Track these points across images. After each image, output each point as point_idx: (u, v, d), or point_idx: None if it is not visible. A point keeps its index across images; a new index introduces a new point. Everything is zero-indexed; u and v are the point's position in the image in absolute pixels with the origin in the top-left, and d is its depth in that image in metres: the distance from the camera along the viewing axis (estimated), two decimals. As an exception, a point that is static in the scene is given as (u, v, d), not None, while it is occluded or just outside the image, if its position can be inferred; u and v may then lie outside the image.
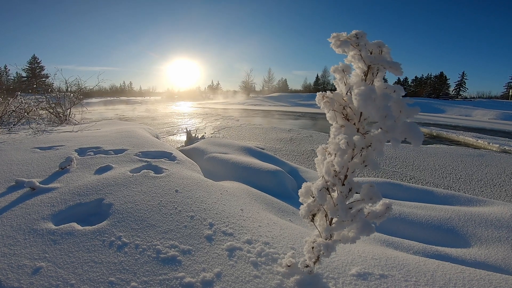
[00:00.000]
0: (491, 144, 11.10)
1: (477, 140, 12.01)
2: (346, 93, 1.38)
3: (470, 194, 5.10)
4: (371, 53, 1.31)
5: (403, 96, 1.29)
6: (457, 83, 61.90)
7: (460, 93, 61.73)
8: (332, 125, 1.44)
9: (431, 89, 60.24)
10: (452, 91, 62.28)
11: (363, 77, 1.34)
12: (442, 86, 60.95)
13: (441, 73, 61.88)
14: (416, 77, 67.61)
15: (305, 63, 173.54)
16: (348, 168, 1.36)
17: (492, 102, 43.25)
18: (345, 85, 1.39)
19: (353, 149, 1.31)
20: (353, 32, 1.34)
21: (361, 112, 1.35)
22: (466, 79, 61.24)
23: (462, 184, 6.36)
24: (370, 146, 1.27)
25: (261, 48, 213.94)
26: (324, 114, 1.44)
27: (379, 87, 1.30)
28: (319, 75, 77.90)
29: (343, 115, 1.40)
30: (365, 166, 1.32)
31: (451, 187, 6.10)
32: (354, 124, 1.38)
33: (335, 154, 1.35)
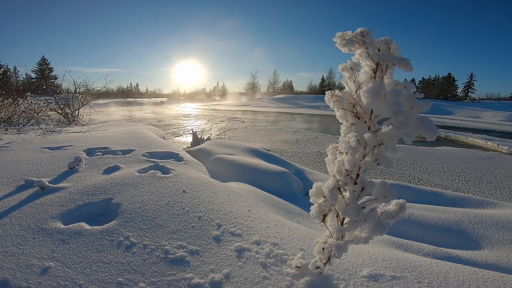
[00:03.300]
0: (500, 146, 10.94)
1: (486, 142, 11.85)
2: (356, 91, 1.36)
3: (480, 196, 5.01)
4: (378, 50, 1.29)
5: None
6: (465, 84, 61.26)
7: (469, 94, 61.05)
8: (342, 124, 1.42)
9: (439, 90, 59.73)
10: (460, 92, 61.65)
11: (372, 74, 1.31)
12: (450, 87, 60.39)
13: (449, 74, 61.38)
14: (423, 78, 67.15)
15: (310, 65, 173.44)
16: (360, 167, 1.33)
17: (501, 104, 42.70)
18: (354, 83, 1.37)
19: (365, 148, 1.28)
20: (358, 30, 1.32)
21: (371, 110, 1.32)
22: (474, 80, 60.60)
23: (471, 186, 6.26)
24: (382, 144, 1.25)
25: (266, 50, 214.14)
26: (330, 115, 1.42)
27: (389, 84, 1.28)
28: (324, 76, 77.92)
29: (353, 113, 1.37)
30: (378, 164, 1.28)
31: (460, 189, 6.01)
32: (365, 122, 1.36)
33: (346, 152, 1.32)
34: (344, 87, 1.47)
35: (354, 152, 1.31)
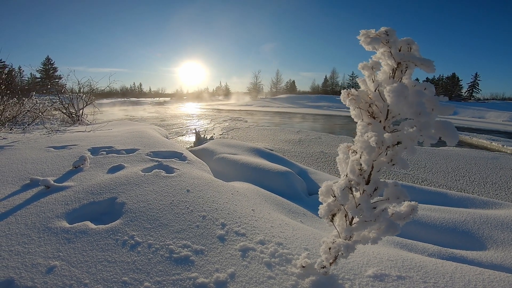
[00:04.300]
0: (505, 146, 10.85)
1: (491, 142, 11.76)
2: (374, 90, 1.35)
3: (485, 197, 4.97)
4: (399, 50, 1.28)
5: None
6: (470, 84, 60.76)
7: (473, 94, 60.52)
8: (357, 123, 1.41)
9: (443, 90, 59.19)
10: (465, 92, 61.13)
11: (391, 74, 1.31)
12: (455, 87, 59.92)
13: (453, 74, 60.90)
14: (427, 78, 66.33)
15: (313, 65, 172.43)
16: (373, 167, 1.32)
17: (506, 104, 42.33)
18: (373, 82, 1.36)
19: (379, 148, 1.28)
20: (383, 29, 1.32)
21: (388, 110, 1.31)
22: (479, 80, 60.06)
23: (476, 186, 6.21)
24: (398, 144, 1.23)
25: (269, 50, 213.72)
26: (333, 115, 1.42)
27: (408, 84, 1.27)
28: (327, 76, 77.47)
29: (369, 113, 1.36)
30: (393, 164, 1.27)
31: (465, 190, 5.96)
32: (380, 122, 1.35)
33: (362, 152, 1.31)
34: (347, 87, 1.45)
35: (371, 152, 1.30)
